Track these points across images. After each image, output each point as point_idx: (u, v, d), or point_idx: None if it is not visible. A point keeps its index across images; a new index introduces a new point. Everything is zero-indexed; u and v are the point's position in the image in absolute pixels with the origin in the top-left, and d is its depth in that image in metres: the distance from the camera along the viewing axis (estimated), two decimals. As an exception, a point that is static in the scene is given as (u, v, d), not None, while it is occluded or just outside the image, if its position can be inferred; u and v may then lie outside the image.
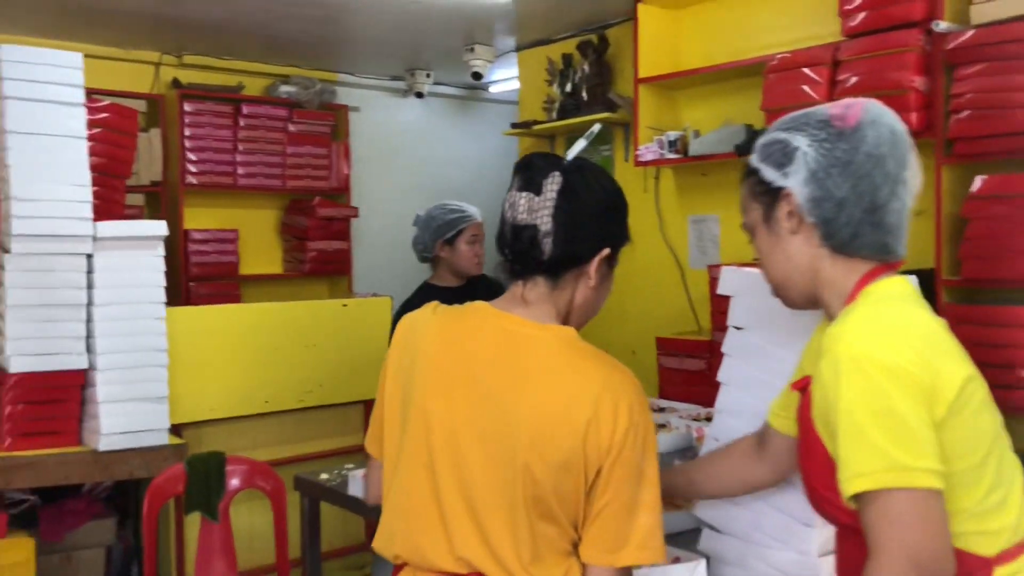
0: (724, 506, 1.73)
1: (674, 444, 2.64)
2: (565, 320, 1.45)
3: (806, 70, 3.27)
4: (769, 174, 1.37)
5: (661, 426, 2.81)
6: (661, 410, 3.08)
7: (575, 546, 1.38)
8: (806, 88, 3.25)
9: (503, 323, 1.42)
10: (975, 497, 1.26)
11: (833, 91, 3.19)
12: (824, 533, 1.53)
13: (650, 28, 4.14)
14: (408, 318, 1.53)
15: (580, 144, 1.47)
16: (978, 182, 2.82)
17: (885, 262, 1.36)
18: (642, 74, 4.13)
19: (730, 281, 1.82)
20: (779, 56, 3.43)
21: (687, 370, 3.86)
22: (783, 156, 1.36)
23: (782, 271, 1.41)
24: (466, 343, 1.42)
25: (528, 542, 1.34)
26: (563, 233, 1.39)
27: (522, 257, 1.42)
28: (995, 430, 1.31)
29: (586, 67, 4.58)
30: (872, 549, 1.19)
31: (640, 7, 4.13)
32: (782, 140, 1.37)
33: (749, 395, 1.75)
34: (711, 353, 3.68)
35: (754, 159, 1.41)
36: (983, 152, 2.88)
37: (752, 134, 3.65)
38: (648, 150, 4.07)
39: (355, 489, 2.37)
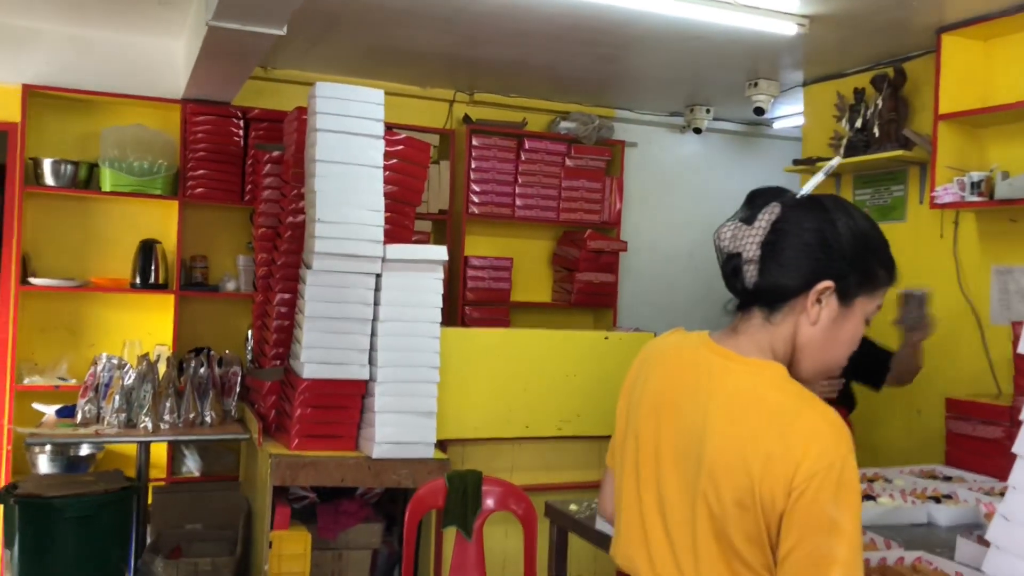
0: None
1: (958, 518, 2.36)
2: (788, 359, 1.38)
3: None
4: None
5: (946, 496, 2.53)
6: (948, 479, 2.78)
7: None
8: None
9: (708, 353, 1.40)
10: None
11: None
12: None
13: (955, 60, 3.83)
14: (653, 341, 1.58)
15: (817, 178, 1.44)
16: None
17: None
18: (944, 109, 3.81)
19: (1036, 340, 1.60)
20: (1114, 89, 3.01)
21: (980, 437, 3.46)
22: None
23: None
24: (675, 369, 1.44)
25: (710, 574, 1.29)
26: (767, 261, 1.35)
27: (730, 286, 1.41)
28: None
29: (879, 102, 4.29)
30: None
31: (944, 38, 3.82)
32: None
33: (1053, 473, 1.52)
34: (1011, 420, 3.28)
35: None
36: None
37: (1075, 177, 3.23)
38: (947, 191, 3.73)
39: (603, 524, 2.35)
